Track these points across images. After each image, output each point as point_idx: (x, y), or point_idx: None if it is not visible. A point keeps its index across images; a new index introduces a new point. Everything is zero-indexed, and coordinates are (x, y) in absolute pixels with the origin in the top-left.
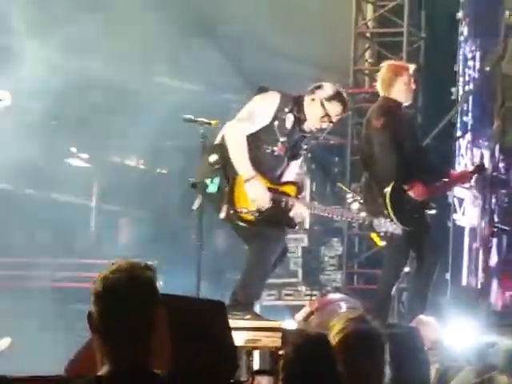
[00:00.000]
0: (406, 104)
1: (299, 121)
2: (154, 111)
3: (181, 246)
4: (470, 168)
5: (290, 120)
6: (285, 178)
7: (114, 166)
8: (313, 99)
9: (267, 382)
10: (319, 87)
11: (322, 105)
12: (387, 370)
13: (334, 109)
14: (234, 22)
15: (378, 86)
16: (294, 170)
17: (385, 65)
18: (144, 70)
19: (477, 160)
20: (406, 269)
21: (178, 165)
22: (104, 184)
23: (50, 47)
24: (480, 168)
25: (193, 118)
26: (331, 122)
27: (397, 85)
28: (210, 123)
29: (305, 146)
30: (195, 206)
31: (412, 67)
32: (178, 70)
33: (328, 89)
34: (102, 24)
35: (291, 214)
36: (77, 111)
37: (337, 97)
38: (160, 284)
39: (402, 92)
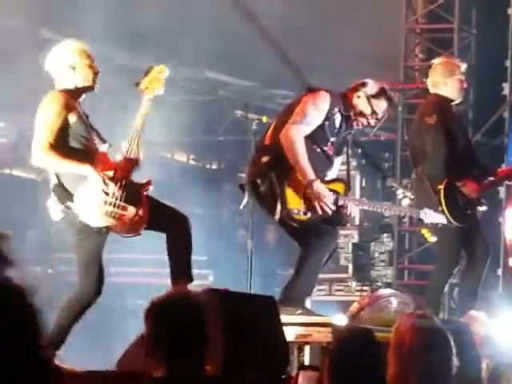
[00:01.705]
0: (456, 102)
1: (346, 119)
2: (205, 106)
3: (231, 242)
4: None
5: (338, 119)
6: (330, 175)
7: (164, 160)
8: (358, 96)
9: (312, 376)
10: (363, 84)
11: (369, 102)
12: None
13: (380, 105)
14: (283, 17)
15: (430, 83)
16: (337, 167)
17: (439, 62)
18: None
19: None
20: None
21: (229, 160)
22: (154, 179)
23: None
24: None
25: (244, 113)
26: (377, 118)
27: (451, 83)
28: (260, 119)
29: (349, 142)
30: (242, 205)
31: (464, 66)
32: (228, 65)
33: (373, 85)
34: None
35: (341, 211)
36: None
37: (382, 93)
38: (210, 279)
39: (455, 90)
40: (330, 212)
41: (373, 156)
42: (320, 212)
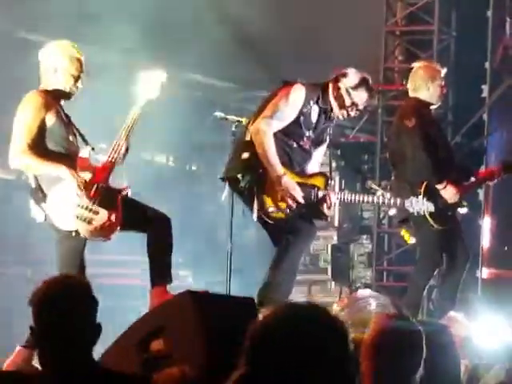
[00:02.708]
0: (436, 106)
1: (325, 110)
2: (184, 107)
3: (211, 243)
4: (498, 166)
5: (315, 112)
6: (310, 167)
7: (145, 162)
8: (338, 88)
9: None
10: (344, 75)
11: (348, 93)
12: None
13: (361, 96)
14: (261, 21)
15: (411, 87)
16: (318, 158)
17: (420, 66)
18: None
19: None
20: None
21: (208, 161)
22: (134, 180)
23: None
24: (507, 166)
25: (224, 115)
26: (358, 110)
27: (432, 88)
28: (240, 121)
29: (330, 132)
30: (223, 197)
31: (444, 71)
32: (208, 67)
33: (353, 76)
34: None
35: (322, 205)
36: None
37: (363, 84)
38: (189, 281)
39: (435, 95)
40: (300, 204)
41: (352, 158)
42: (293, 206)
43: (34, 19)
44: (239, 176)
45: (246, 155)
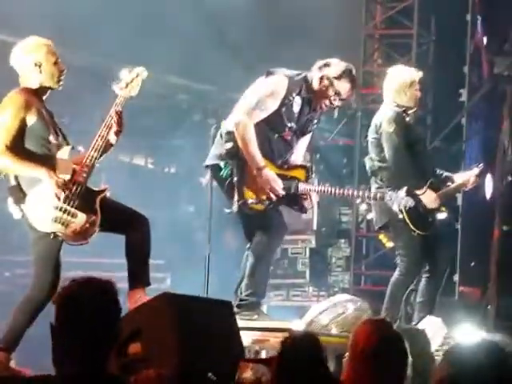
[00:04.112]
0: (414, 110)
1: (309, 101)
2: (163, 110)
3: (189, 245)
4: (476, 171)
5: (297, 103)
6: (293, 159)
7: (123, 164)
8: (321, 78)
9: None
10: (327, 65)
11: (331, 83)
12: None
13: (344, 86)
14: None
15: (388, 91)
16: (302, 148)
17: (397, 70)
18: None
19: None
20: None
21: (187, 164)
22: (112, 182)
23: None
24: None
25: (203, 118)
26: (342, 99)
27: (409, 92)
28: (219, 124)
29: (315, 121)
30: (204, 183)
31: (420, 75)
32: (187, 69)
33: (336, 66)
34: None
35: (302, 197)
36: None
37: (346, 74)
38: (168, 283)
39: (412, 99)
40: (280, 196)
41: (331, 161)
42: (273, 198)
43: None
44: (221, 164)
45: (228, 145)
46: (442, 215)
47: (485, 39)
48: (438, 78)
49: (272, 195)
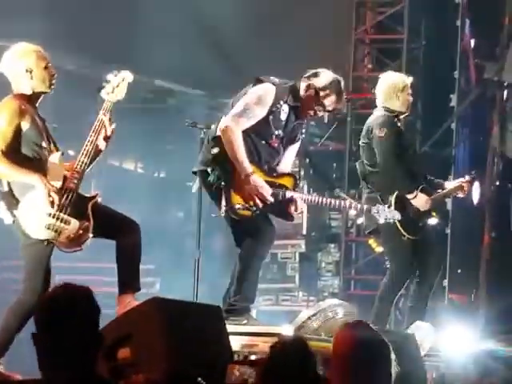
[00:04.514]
0: (405, 115)
1: (295, 108)
2: (153, 114)
3: (179, 250)
4: (467, 178)
5: (284, 111)
6: (282, 167)
7: (112, 169)
8: (308, 86)
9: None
10: (315, 75)
11: (317, 93)
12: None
13: (329, 98)
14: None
15: (380, 96)
16: (291, 156)
17: (389, 76)
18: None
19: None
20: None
21: (176, 169)
22: (101, 187)
23: None
24: (474, 179)
25: (193, 122)
26: (326, 111)
27: (401, 97)
28: (209, 128)
29: (303, 131)
30: (194, 189)
31: (410, 80)
32: (177, 74)
33: (323, 77)
34: None
35: (289, 205)
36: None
37: (332, 86)
38: (157, 288)
39: (404, 104)
40: (268, 202)
41: (321, 166)
42: (260, 204)
43: None
44: (208, 170)
45: (215, 150)
46: (432, 221)
47: (472, 42)
48: (428, 83)
49: (259, 202)
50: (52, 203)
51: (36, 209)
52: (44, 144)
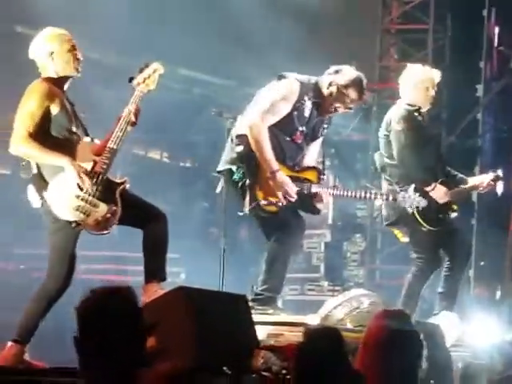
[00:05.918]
0: (426, 109)
1: (318, 105)
2: (179, 104)
3: (204, 239)
4: (490, 175)
5: (308, 107)
6: (306, 162)
7: (137, 158)
8: (330, 83)
9: None
10: (338, 71)
11: (338, 90)
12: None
13: (350, 95)
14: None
15: (402, 89)
16: (314, 151)
17: (413, 68)
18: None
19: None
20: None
21: (202, 159)
22: (127, 176)
23: None
24: (498, 177)
25: (219, 112)
26: (348, 108)
27: (423, 93)
28: (235, 118)
29: (325, 126)
30: (218, 189)
31: (437, 74)
32: (204, 63)
33: (346, 74)
34: None
35: (314, 199)
36: None
37: (354, 83)
38: (182, 277)
39: (425, 100)
40: (293, 200)
41: (346, 156)
42: (284, 202)
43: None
44: (233, 168)
45: (239, 148)
46: (453, 214)
47: (496, 29)
48: (454, 74)
49: (283, 199)
50: (81, 185)
51: (65, 191)
52: (74, 129)
